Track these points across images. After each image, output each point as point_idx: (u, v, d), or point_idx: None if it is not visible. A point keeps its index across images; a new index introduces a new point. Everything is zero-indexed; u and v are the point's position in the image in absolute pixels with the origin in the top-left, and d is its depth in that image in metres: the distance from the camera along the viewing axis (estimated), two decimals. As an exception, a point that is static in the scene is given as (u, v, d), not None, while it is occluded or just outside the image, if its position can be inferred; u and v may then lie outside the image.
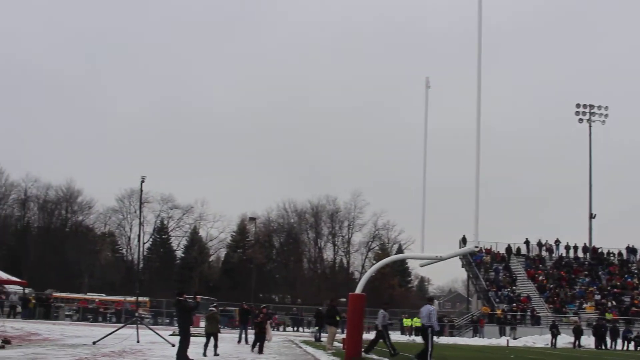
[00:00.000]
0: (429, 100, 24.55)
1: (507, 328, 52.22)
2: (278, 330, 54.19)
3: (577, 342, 45.98)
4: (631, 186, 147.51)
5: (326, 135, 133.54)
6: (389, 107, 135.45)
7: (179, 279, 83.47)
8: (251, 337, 27.38)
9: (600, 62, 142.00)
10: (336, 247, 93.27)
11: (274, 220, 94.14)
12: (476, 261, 62.97)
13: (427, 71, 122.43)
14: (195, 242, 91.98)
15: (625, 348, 46.67)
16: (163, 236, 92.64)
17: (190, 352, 17.97)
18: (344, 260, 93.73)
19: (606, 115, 72.77)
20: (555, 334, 46.25)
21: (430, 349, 19.92)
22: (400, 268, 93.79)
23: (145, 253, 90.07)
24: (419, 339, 25.73)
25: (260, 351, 24.26)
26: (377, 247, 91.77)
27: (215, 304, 27.16)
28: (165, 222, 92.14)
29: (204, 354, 21.50)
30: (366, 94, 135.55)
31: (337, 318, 28.10)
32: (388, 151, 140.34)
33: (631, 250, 67.94)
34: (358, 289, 23.04)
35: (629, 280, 62.49)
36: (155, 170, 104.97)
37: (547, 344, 45.92)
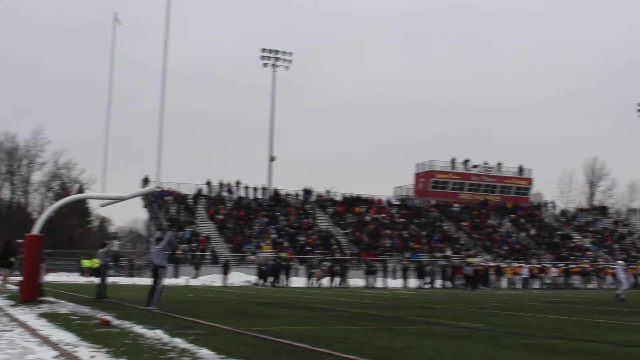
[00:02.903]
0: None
1: (190, 268, 52.25)
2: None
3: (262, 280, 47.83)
4: (313, 131, 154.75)
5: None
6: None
7: None
8: None
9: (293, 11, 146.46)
10: (14, 186, 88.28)
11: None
12: (157, 201, 62.47)
13: (116, 7, 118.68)
14: None
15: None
16: None
17: None
18: (22, 200, 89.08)
19: (290, 61, 75.13)
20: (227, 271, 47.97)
21: (160, 289, 19.19)
22: (80, 208, 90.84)
23: None
24: (97, 280, 24.89)
25: None
26: (57, 187, 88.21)
27: None
28: None
29: None
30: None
31: (12, 260, 26.40)
32: (70, 91, 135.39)
33: (307, 192, 71.16)
34: (35, 230, 21.87)
35: (304, 220, 65.34)
36: None
37: (225, 284, 46.91)
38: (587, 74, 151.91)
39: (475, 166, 79.69)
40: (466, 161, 79.24)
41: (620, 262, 35.88)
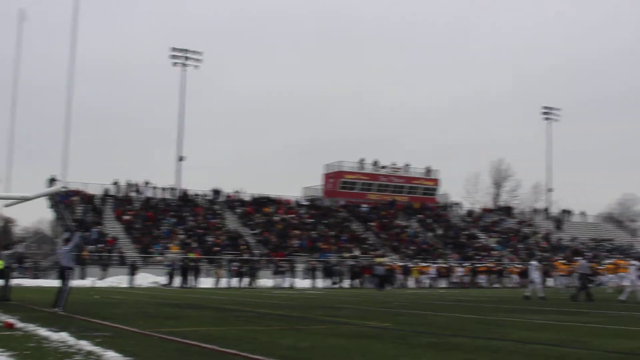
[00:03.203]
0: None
1: (97, 270, 51.29)
2: None
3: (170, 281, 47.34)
4: (224, 132, 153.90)
5: None
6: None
7: None
8: None
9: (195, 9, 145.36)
10: None
11: None
12: (64, 202, 61.17)
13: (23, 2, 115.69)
14: None
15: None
16: None
17: None
18: None
19: (200, 61, 74.61)
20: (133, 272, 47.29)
21: (67, 291, 18.70)
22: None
23: None
24: (1, 282, 24.19)
25: None
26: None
27: None
28: None
29: None
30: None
31: None
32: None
33: (216, 192, 70.76)
34: None
35: (213, 220, 64.91)
36: None
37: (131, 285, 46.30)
38: (495, 78, 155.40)
39: (383, 167, 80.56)
40: (375, 162, 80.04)
41: (534, 262, 36.45)
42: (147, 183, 68.11)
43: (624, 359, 10.26)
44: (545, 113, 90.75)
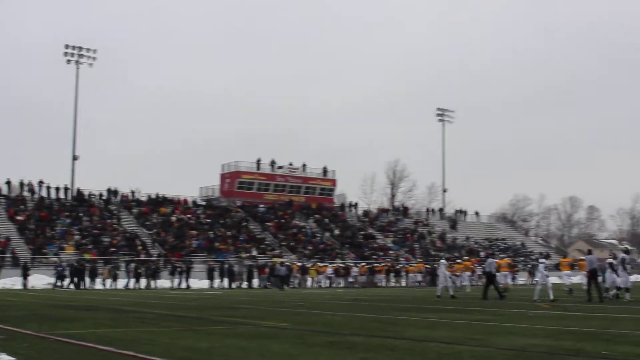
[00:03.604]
0: None
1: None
2: None
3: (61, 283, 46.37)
4: (120, 130, 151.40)
5: None
6: None
7: None
8: None
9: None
10: None
11: None
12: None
13: None
14: None
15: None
16: None
17: None
18: None
19: (94, 58, 73.29)
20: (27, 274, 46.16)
21: None
22: None
23: None
24: None
25: None
26: None
27: None
28: None
29: None
30: None
31: None
32: None
33: (112, 192, 69.64)
34: None
35: (109, 220, 63.87)
36: None
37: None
38: (391, 79, 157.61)
39: (280, 167, 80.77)
40: (272, 162, 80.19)
41: (443, 261, 36.70)
42: (41, 182, 66.53)
43: (515, 355, 10.63)
44: (439, 115, 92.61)
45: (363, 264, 60.21)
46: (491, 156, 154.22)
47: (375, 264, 60.85)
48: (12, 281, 47.18)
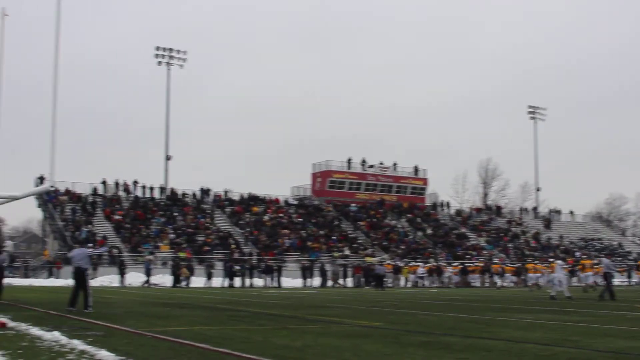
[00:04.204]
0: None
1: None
2: None
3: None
4: (211, 131, 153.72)
5: None
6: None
7: None
8: None
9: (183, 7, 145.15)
10: None
11: None
12: (52, 201, 61.05)
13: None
14: None
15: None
16: None
17: None
18: None
19: (185, 60, 74.46)
20: (123, 271, 47.27)
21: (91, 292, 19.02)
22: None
23: None
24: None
25: None
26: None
27: None
28: None
29: None
30: None
31: None
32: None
33: (205, 192, 70.70)
34: None
35: (201, 220, 64.82)
36: None
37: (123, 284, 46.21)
38: (481, 77, 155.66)
39: (371, 166, 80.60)
40: (363, 161, 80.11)
41: (559, 261, 35.54)
42: (135, 182, 68.03)
43: (614, 358, 10.31)
44: (530, 112, 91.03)
45: (456, 263, 59.58)
46: (585, 154, 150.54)
47: (468, 264, 60.09)
48: (109, 279, 48.33)
